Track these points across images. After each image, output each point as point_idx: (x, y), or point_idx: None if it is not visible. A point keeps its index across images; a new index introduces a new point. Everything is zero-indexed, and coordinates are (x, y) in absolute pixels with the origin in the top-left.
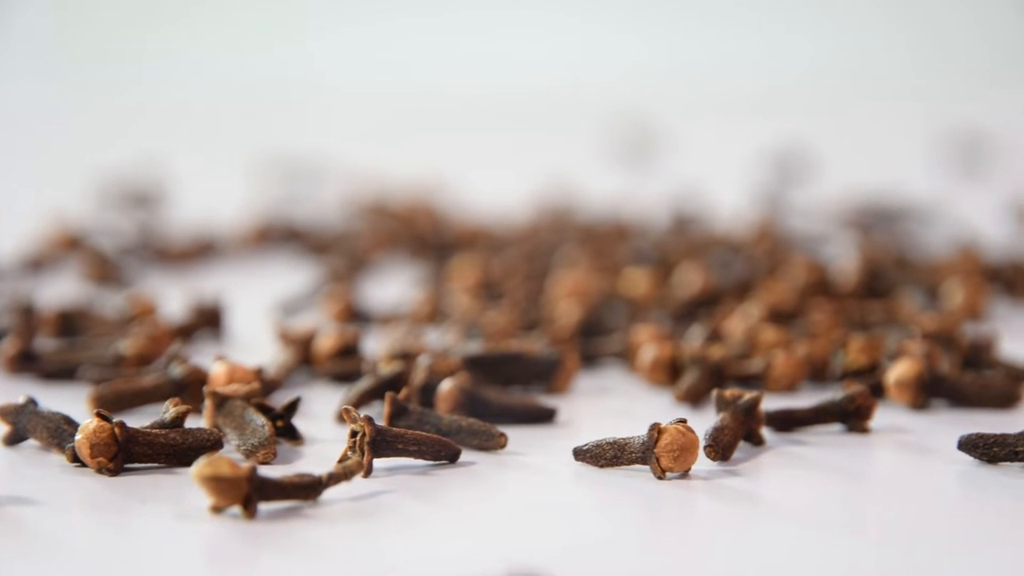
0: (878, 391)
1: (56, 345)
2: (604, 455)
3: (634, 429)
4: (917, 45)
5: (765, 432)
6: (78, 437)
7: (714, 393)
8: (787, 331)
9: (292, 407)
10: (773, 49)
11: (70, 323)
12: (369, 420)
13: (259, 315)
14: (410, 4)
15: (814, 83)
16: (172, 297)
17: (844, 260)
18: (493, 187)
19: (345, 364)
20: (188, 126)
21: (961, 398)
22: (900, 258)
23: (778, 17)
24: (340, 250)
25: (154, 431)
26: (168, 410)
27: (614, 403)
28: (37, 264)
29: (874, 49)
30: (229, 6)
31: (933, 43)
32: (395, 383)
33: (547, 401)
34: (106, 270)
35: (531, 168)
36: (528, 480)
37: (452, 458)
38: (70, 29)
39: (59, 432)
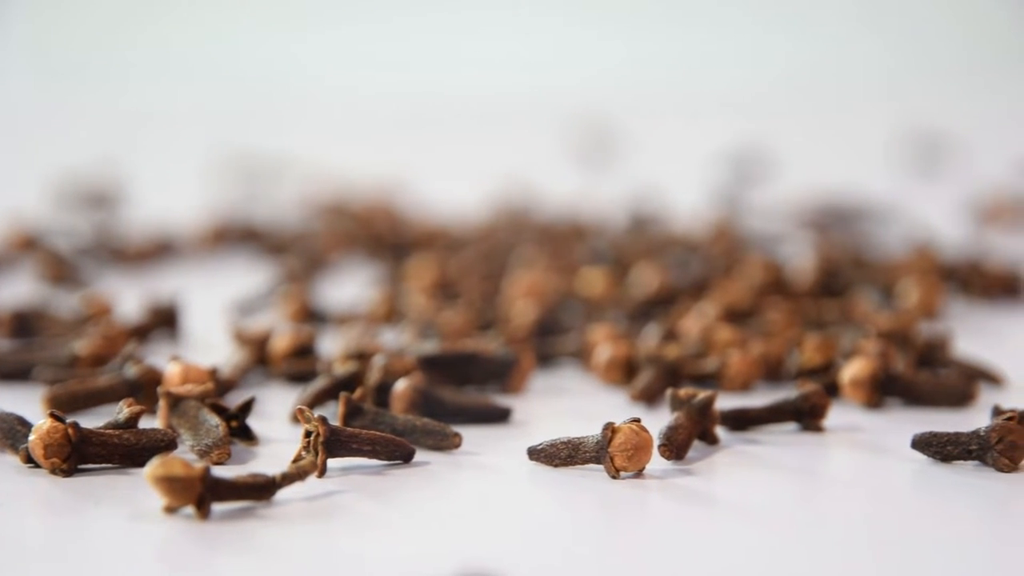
0: (833, 390)
1: (11, 345)
2: (558, 454)
3: (589, 428)
4: (875, 46)
5: (719, 431)
6: (32, 438)
7: (668, 392)
8: (743, 330)
9: (246, 407)
10: (731, 51)
11: (26, 323)
12: (323, 420)
13: (215, 315)
14: (371, 6)
15: (772, 84)
16: (128, 297)
17: (800, 259)
18: (452, 187)
19: (300, 364)
20: (146, 126)
21: (915, 397)
22: (856, 257)
23: (737, 19)
24: (297, 250)
25: (108, 432)
26: (122, 410)
27: (569, 403)
28: None
29: (832, 50)
30: (188, 6)
31: (891, 44)
32: (350, 383)
33: (502, 401)
34: (62, 270)
35: (490, 168)
36: (482, 480)
37: (406, 458)
38: (27, 29)
39: (12, 433)
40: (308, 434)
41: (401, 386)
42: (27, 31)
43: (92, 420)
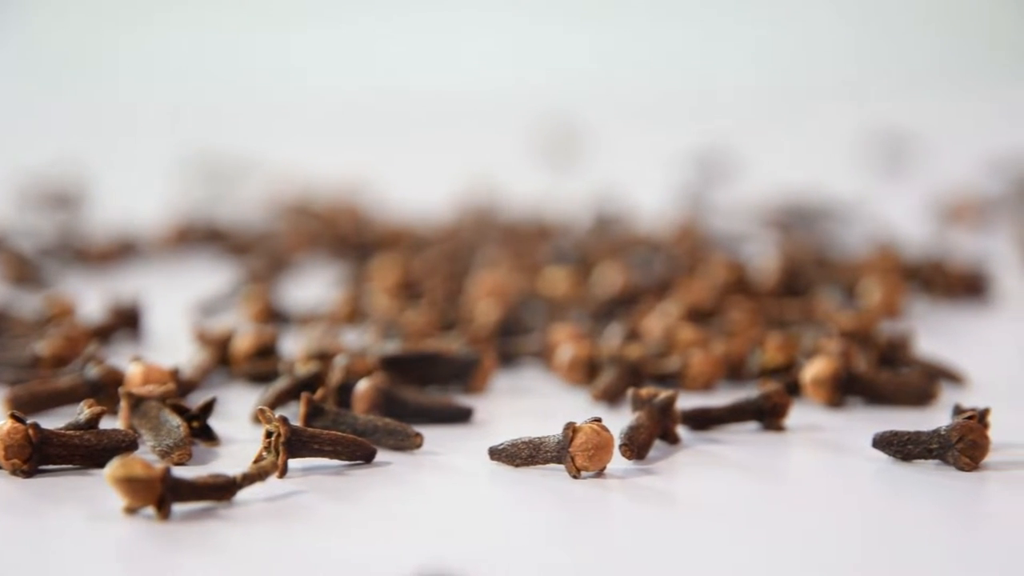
0: (794, 389)
1: None
2: (519, 454)
3: (551, 428)
4: (840, 47)
5: (681, 431)
6: None
7: (630, 392)
8: (705, 330)
9: (208, 408)
10: (697, 51)
11: None
12: (284, 420)
13: (178, 316)
14: (336, 6)
15: (738, 84)
16: (91, 298)
17: (763, 259)
18: (416, 187)
19: (263, 364)
20: (110, 126)
21: (877, 396)
22: (819, 257)
23: (702, 19)
24: (260, 250)
25: (69, 432)
26: (83, 411)
27: (531, 402)
28: None
29: (797, 51)
30: (151, 5)
31: (856, 45)
32: (312, 383)
33: (464, 401)
34: (25, 271)
35: (455, 168)
36: (444, 480)
37: (368, 458)
38: None
39: None
40: (269, 434)
41: (363, 386)
42: None
43: (53, 421)
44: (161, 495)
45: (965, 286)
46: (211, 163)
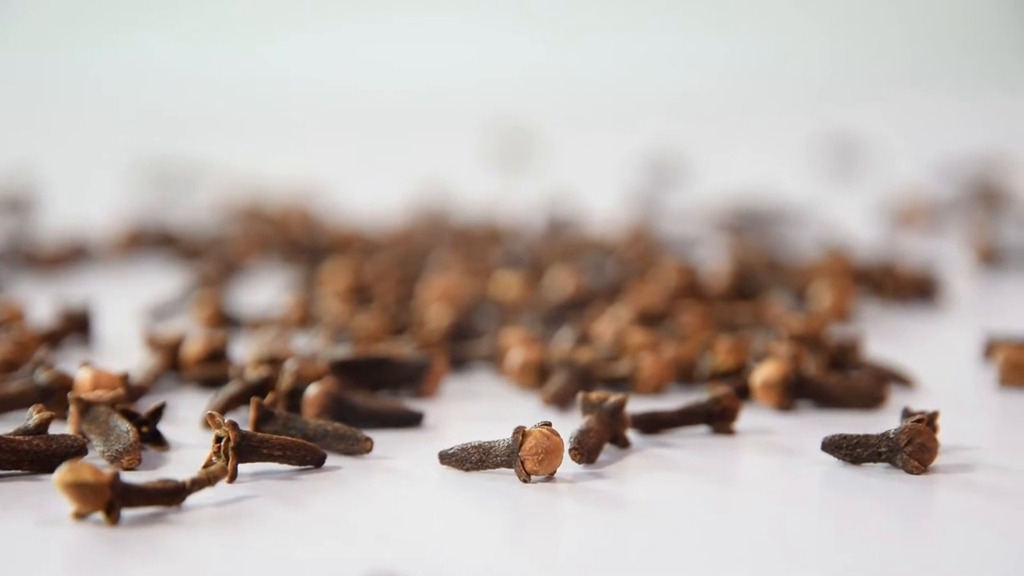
0: (744, 393)
1: None
2: (469, 459)
3: (501, 432)
4: (791, 51)
5: (631, 434)
6: None
7: (580, 396)
8: (656, 333)
9: (157, 413)
10: (648, 55)
11: None
12: (234, 425)
13: (128, 320)
14: (290, 9)
15: (689, 88)
16: (40, 303)
17: (714, 262)
18: (369, 191)
19: (213, 369)
20: (61, 130)
21: (826, 399)
22: (769, 260)
23: (654, 24)
24: (211, 255)
25: (18, 438)
26: (32, 416)
27: (482, 406)
28: None
29: (749, 55)
30: (106, 9)
31: (807, 49)
32: (262, 388)
33: (415, 405)
34: None
35: (407, 172)
36: (393, 484)
37: (318, 463)
38: None
39: None
40: (219, 439)
41: (313, 391)
42: None
43: (2, 426)
44: (110, 500)
45: (915, 289)
46: (162, 167)
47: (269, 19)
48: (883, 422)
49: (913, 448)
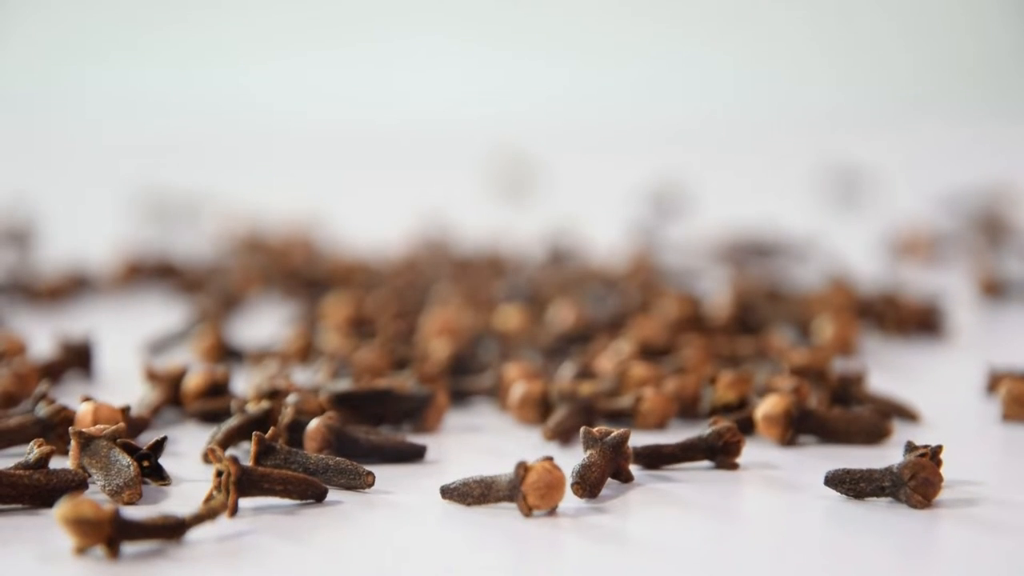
0: (747, 427)
1: None
2: (471, 493)
3: (503, 467)
4: (794, 82)
5: (633, 469)
6: None
7: (582, 430)
8: (658, 367)
9: (158, 447)
10: (652, 86)
11: None
12: (234, 459)
13: (129, 354)
14: (292, 38)
15: (692, 119)
16: (41, 336)
17: (717, 295)
18: (370, 222)
19: (214, 403)
20: (60, 162)
21: (829, 433)
22: (773, 293)
23: (657, 55)
24: (212, 287)
25: (18, 472)
26: (32, 450)
27: (484, 441)
28: None
29: (752, 86)
30: (105, 40)
31: (810, 80)
32: (263, 422)
33: (416, 439)
34: None
35: (409, 202)
36: (395, 519)
37: (319, 497)
38: None
39: None
40: (219, 473)
41: (314, 425)
42: None
43: (2, 460)
44: (110, 535)
45: (918, 322)
46: (162, 199)
47: (270, 48)
48: (886, 456)
49: (917, 483)
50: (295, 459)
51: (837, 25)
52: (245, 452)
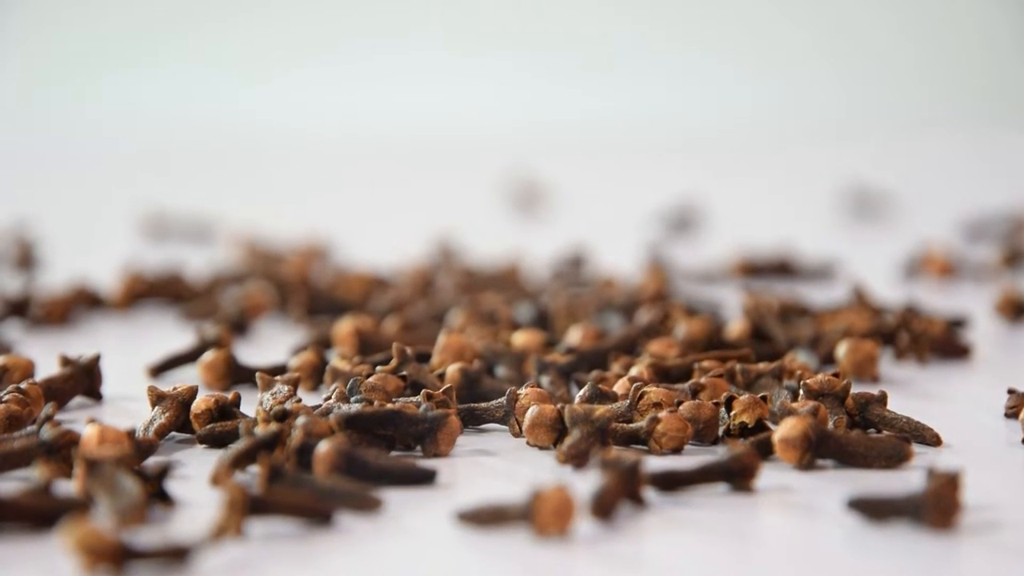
0: (764, 450)
1: None
2: (484, 518)
3: (516, 491)
4: (814, 100)
5: (648, 493)
6: None
7: (596, 454)
8: (673, 390)
9: (164, 470)
10: (669, 104)
11: None
12: (243, 483)
13: (136, 376)
14: (302, 56)
15: (709, 138)
16: (47, 358)
17: (734, 317)
18: (382, 243)
19: (222, 426)
20: (67, 183)
21: (848, 457)
22: (790, 315)
23: (674, 73)
24: (221, 309)
25: (22, 495)
26: (37, 473)
27: (496, 464)
28: None
29: (771, 104)
30: (112, 60)
31: (830, 98)
32: (271, 445)
33: (427, 463)
34: None
35: (421, 223)
36: (406, 544)
37: (327, 521)
38: None
39: None
40: (227, 497)
41: (323, 448)
42: None
43: (6, 483)
44: (115, 559)
45: (940, 345)
46: (171, 220)
47: (281, 66)
48: (906, 480)
49: (937, 507)
50: (304, 482)
51: (855, 40)
52: (253, 475)
